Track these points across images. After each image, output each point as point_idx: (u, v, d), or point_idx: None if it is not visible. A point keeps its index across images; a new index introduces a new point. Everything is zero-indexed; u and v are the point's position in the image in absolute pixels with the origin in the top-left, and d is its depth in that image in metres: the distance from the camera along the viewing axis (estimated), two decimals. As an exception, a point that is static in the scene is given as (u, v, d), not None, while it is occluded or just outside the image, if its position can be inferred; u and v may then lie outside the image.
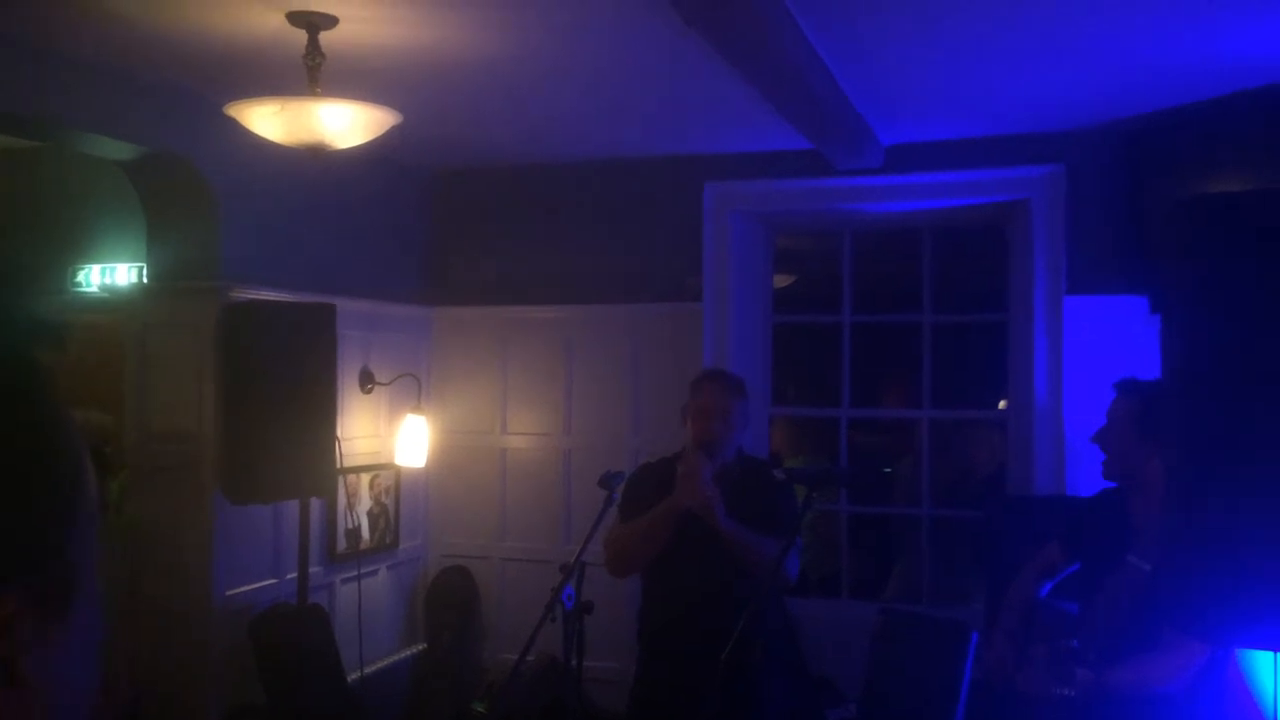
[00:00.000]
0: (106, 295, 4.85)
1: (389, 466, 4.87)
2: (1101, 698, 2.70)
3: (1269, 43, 3.17)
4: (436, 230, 5.33)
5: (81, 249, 5.13)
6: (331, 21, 2.93)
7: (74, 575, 0.56)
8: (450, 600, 5.12)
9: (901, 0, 2.90)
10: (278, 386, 3.76)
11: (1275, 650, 2.68)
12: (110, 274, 5.11)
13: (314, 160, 3.10)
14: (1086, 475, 4.03)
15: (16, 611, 0.53)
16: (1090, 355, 4.30)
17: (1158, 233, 3.99)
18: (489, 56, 3.38)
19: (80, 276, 5.15)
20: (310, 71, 2.93)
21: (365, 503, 4.77)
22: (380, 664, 4.81)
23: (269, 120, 2.92)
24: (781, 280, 5.87)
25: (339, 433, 4.09)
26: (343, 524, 4.59)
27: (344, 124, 2.95)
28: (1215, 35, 3.14)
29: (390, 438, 4.85)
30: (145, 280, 4.23)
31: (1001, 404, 5.14)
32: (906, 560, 5.35)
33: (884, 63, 3.46)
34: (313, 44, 2.92)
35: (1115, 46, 3.29)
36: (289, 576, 4.19)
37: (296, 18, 2.90)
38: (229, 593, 3.97)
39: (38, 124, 3.50)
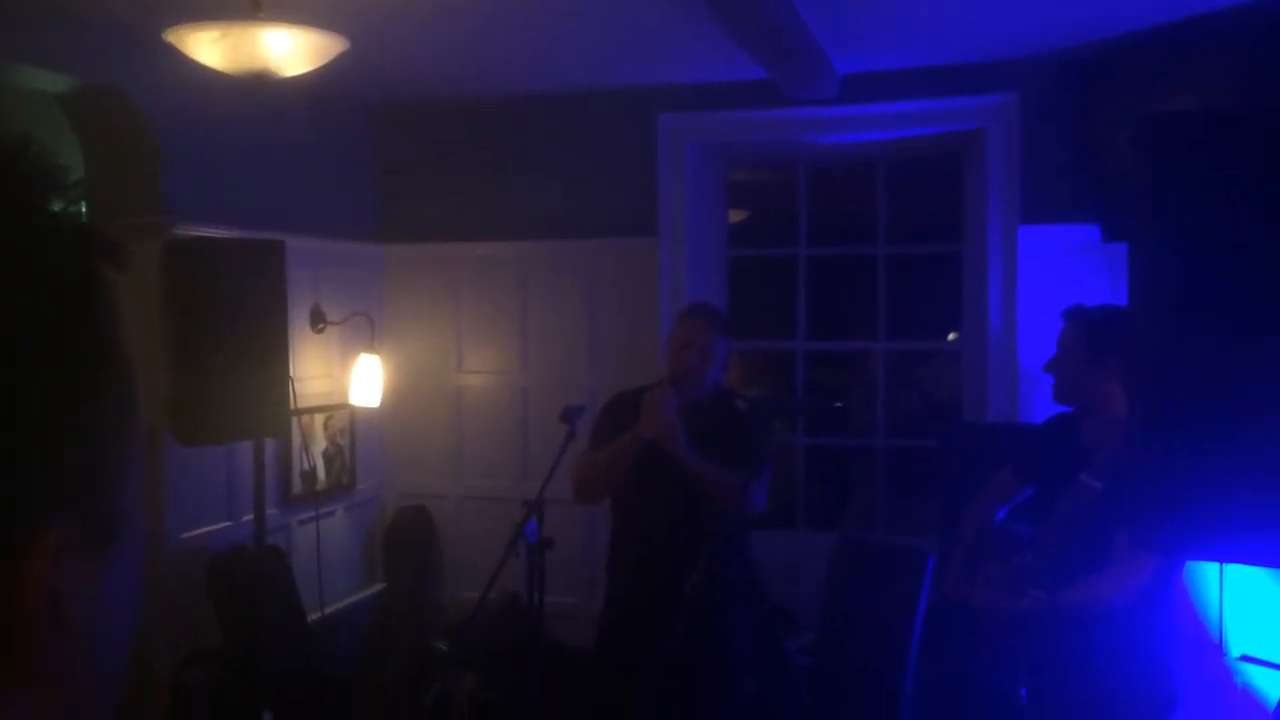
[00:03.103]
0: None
1: (343, 406, 4.80)
2: (1054, 614, 2.75)
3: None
4: (386, 166, 5.22)
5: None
6: (273, -58, 2.82)
7: (126, 504, 0.51)
8: (408, 540, 5.11)
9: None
10: (226, 325, 3.66)
11: (1229, 562, 2.75)
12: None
13: (258, 89, 3.00)
14: (1040, 401, 4.09)
15: (66, 544, 0.48)
16: (1043, 283, 4.34)
17: (1112, 159, 4.01)
18: (438, -19, 3.28)
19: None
20: (252, -5, 2.82)
21: (320, 443, 4.71)
22: (340, 604, 4.79)
23: (211, 46, 2.80)
24: (735, 215, 5.84)
25: (291, 373, 4.01)
26: (298, 465, 4.53)
27: (289, 50, 2.85)
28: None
29: (344, 378, 4.78)
30: (84, 216, 4.09)
31: (951, 336, 5.18)
32: (861, 490, 5.42)
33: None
34: (254, -34, 2.82)
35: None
36: (245, 519, 4.13)
37: (237, -62, 2.79)
38: (183, 535, 3.91)
39: (-36, 55, 3.35)
